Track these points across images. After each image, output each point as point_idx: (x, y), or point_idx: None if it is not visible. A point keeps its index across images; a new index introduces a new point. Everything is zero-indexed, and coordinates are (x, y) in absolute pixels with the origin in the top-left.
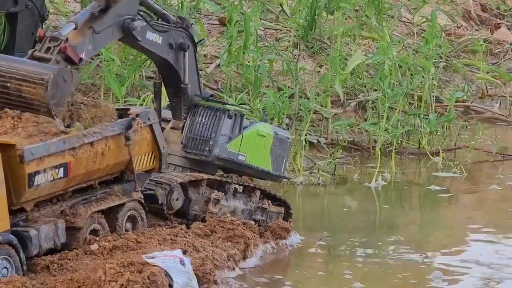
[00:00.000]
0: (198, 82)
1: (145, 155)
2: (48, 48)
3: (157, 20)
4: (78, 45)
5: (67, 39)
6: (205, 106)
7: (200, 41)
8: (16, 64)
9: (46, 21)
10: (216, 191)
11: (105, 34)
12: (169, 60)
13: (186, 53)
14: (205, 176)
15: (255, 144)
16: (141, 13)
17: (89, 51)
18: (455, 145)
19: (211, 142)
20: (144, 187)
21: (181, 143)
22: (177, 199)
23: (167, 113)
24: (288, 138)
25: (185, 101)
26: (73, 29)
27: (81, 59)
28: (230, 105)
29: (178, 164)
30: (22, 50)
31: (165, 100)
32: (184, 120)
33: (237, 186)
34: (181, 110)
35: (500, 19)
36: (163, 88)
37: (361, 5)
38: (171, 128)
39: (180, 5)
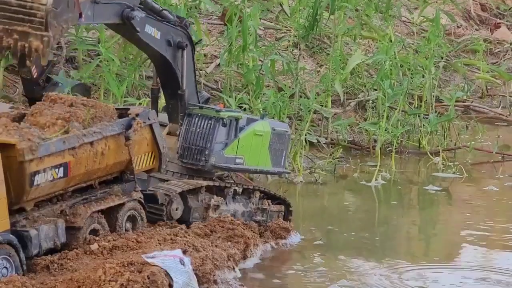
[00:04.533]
0: (195, 86)
1: (145, 155)
2: None
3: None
4: (81, 4)
5: None
6: (199, 114)
7: (198, 41)
8: None
9: None
10: (215, 196)
11: (104, 9)
12: (167, 57)
13: (184, 52)
14: (204, 183)
15: (253, 144)
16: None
17: (88, 16)
18: (455, 145)
19: (206, 152)
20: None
21: (177, 153)
22: (176, 209)
23: (163, 117)
24: (287, 131)
25: (182, 107)
26: None
27: (81, 14)
28: (225, 111)
29: (176, 171)
30: None
31: (161, 103)
32: (180, 127)
33: (236, 188)
34: (178, 116)
35: (500, 19)
36: (160, 95)
37: (361, 5)
38: (168, 134)
39: (181, 5)
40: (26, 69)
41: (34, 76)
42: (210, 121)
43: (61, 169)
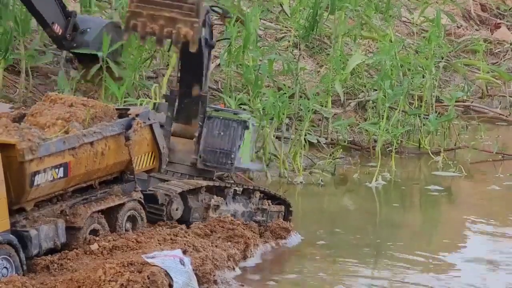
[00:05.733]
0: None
1: (145, 155)
2: None
3: None
4: None
5: None
6: (221, 118)
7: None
8: None
9: None
10: (215, 196)
11: None
12: (203, 54)
13: (210, 52)
14: (204, 183)
15: (245, 141)
16: None
17: None
18: (455, 145)
19: (233, 155)
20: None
21: (199, 157)
22: (176, 209)
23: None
24: (254, 125)
25: (202, 109)
26: None
27: None
28: (243, 115)
29: (185, 172)
30: None
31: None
32: (200, 129)
33: (236, 188)
34: (197, 117)
35: (500, 19)
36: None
37: (362, 5)
38: (173, 135)
39: None
40: (48, 29)
41: (60, 34)
42: (233, 124)
43: (61, 169)
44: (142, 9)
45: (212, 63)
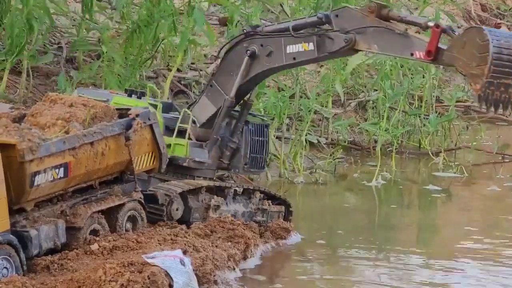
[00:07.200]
0: None
1: (145, 155)
2: None
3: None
4: None
5: None
6: (258, 123)
7: None
8: None
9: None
10: (216, 196)
11: None
12: None
13: None
14: (204, 183)
15: None
16: None
17: None
18: (455, 145)
19: (267, 159)
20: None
21: (245, 164)
22: (176, 209)
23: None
24: None
25: (244, 116)
26: None
27: None
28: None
29: (210, 176)
30: None
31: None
32: (239, 134)
33: (236, 188)
34: (237, 127)
35: (501, 19)
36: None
37: (362, 5)
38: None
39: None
40: None
41: None
42: (266, 129)
43: (62, 169)
44: (495, 79)
45: (212, 63)
